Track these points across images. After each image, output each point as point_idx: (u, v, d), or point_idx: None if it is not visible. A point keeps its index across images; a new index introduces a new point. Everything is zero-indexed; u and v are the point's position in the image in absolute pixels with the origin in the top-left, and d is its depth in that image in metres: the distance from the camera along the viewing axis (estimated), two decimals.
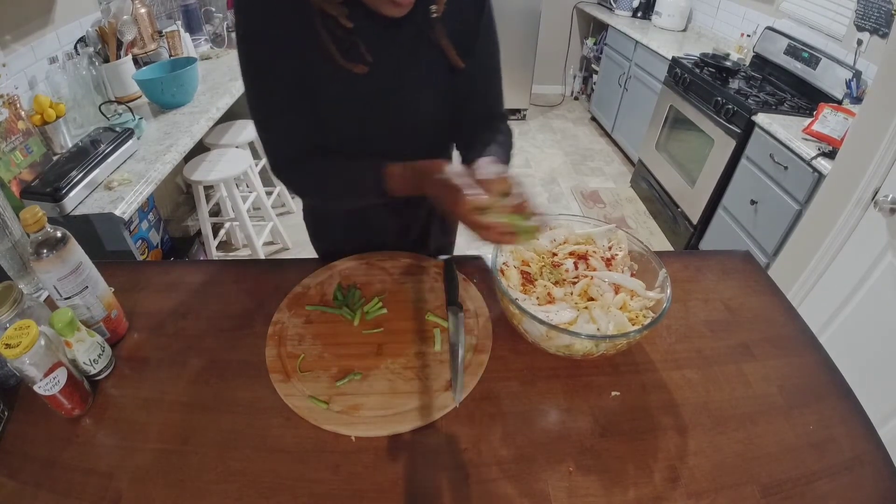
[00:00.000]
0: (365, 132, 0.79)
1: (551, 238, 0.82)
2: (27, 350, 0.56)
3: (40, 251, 0.64)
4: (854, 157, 1.43)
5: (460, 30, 0.75)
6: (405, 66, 0.74)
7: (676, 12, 3.17)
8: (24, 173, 1.35)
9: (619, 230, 0.81)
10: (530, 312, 0.65)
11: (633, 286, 0.73)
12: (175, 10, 2.47)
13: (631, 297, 0.72)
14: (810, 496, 0.57)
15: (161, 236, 2.01)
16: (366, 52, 0.69)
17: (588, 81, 4.31)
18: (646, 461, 0.60)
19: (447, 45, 0.74)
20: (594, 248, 0.80)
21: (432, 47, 0.74)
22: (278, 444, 0.62)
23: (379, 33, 0.70)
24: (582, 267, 0.77)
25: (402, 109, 0.78)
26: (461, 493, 0.57)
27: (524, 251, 0.80)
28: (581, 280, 0.74)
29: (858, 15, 1.97)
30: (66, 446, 0.62)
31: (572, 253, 0.79)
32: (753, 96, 2.10)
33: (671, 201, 2.62)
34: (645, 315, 0.71)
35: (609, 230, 0.82)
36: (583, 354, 0.68)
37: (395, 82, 0.75)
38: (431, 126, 0.84)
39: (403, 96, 0.77)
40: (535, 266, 0.77)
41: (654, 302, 0.72)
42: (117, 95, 1.87)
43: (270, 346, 0.73)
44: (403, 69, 0.74)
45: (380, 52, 0.71)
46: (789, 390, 0.69)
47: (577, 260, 0.77)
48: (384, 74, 0.73)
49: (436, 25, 0.72)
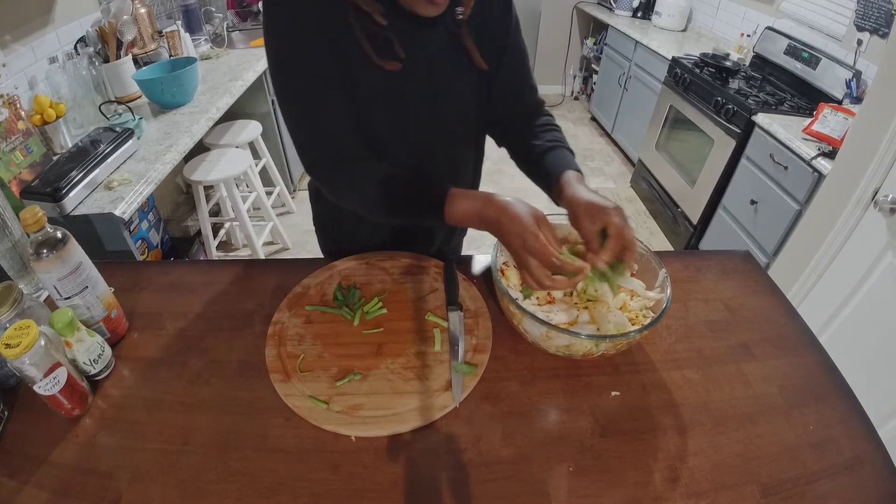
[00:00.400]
0: (396, 131, 0.79)
1: None
2: (27, 350, 0.56)
3: (40, 251, 0.64)
4: (854, 157, 1.43)
5: (489, 30, 0.77)
6: (438, 65, 0.75)
7: (676, 12, 3.16)
8: (24, 173, 1.35)
9: None
10: (530, 312, 0.65)
11: (633, 286, 0.73)
12: (175, 10, 2.47)
13: (631, 297, 0.72)
14: (810, 496, 0.57)
15: (161, 236, 2.01)
16: (399, 50, 0.69)
17: (588, 81, 4.31)
18: (646, 461, 0.60)
19: (472, 46, 0.75)
20: None
21: (461, 47, 0.75)
22: (278, 444, 0.62)
23: (413, 32, 0.70)
24: None
25: (435, 109, 0.78)
26: (461, 493, 0.57)
27: None
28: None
29: (858, 15, 1.97)
30: (66, 446, 0.62)
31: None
32: (753, 96, 2.10)
33: (671, 201, 2.62)
34: (645, 315, 0.71)
35: None
36: (583, 354, 0.68)
37: (428, 81, 0.75)
38: (463, 126, 0.85)
39: (436, 95, 0.77)
40: None
41: (654, 302, 0.72)
42: (117, 95, 1.87)
43: (270, 346, 0.73)
44: (436, 68, 0.75)
45: (413, 51, 0.71)
46: (789, 390, 0.69)
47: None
48: (417, 73, 0.73)
49: (462, 26, 0.73)
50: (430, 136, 0.81)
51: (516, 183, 0.87)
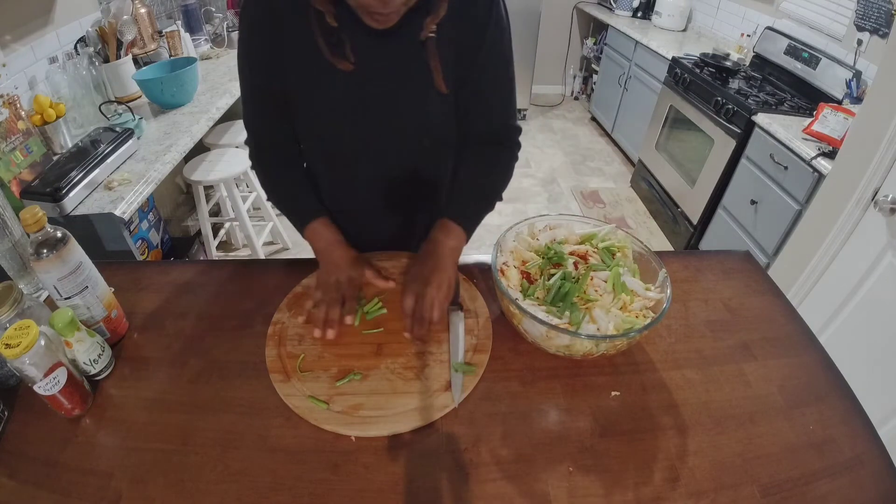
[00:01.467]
0: (359, 135, 0.80)
1: (551, 238, 0.82)
2: (27, 350, 0.56)
3: (40, 251, 0.64)
4: (854, 157, 1.43)
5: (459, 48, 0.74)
6: (394, 75, 0.75)
7: (676, 12, 3.17)
8: (24, 173, 1.35)
9: (619, 230, 0.81)
10: (530, 312, 0.65)
11: (633, 286, 0.73)
12: (175, 10, 2.47)
13: (631, 298, 0.72)
14: (810, 496, 0.57)
15: (161, 236, 2.01)
16: (349, 53, 0.70)
17: (588, 81, 4.31)
18: (646, 461, 0.60)
19: (436, 67, 0.73)
20: (594, 249, 0.80)
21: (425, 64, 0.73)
22: (278, 444, 0.62)
23: (364, 38, 0.70)
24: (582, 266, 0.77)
25: (396, 118, 0.79)
26: (461, 493, 0.57)
27: (524, 251, 0.80)
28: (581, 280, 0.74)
29: (858, 15, 1.97)
30: (66, 446, 0.62)
31: (572, 252, 0.79)
32: (753, 96, 2.10)
33: (671, 201, 2.62)
34: (645, 315, 0.71)
35: (610, 230, 0.82)
36: (582, 354, 0.68)
37: (386, 90, 0.75)
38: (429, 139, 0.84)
39: (397, 105, 0.77)
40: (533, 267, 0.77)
41: (654, 302, 0.72)
42: (117, 95, 1.87)
43: (270, 347, 0.73)
44: (390, 78, 0.75)
45: (366, 56, 0.71)
46: (789, 390, 0.69)
47: (577, 260, 0.77)
48: (374, 80, 0.74)
49: (427, 44, 0.71)
50: (394, 144, 0.82)
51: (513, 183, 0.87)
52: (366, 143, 0.81)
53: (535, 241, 0.82)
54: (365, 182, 0.88)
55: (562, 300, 0.71)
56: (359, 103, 0.76)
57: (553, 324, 0.65)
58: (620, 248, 0.80)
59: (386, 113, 0.77)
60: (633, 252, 0.79)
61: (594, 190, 3.14)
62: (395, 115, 0.78)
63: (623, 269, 0.74)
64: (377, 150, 0.83)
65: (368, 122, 0.78)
